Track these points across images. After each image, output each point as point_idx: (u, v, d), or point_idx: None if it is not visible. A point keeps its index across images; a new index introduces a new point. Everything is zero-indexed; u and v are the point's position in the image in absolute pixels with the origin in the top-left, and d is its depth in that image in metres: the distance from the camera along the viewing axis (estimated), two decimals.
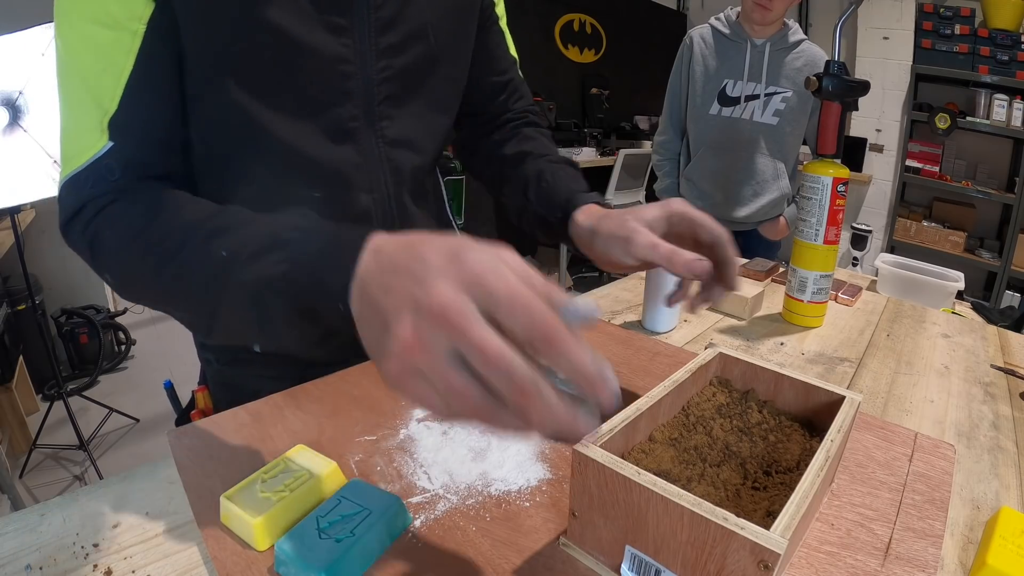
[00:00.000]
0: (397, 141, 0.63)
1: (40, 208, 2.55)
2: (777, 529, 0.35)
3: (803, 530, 0.43)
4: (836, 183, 0.81)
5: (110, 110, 0.48)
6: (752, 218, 1.70)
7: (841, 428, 0.46)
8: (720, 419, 0.53)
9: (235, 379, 0.74)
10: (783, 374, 0.55)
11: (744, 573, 0.35)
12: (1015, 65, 3.09)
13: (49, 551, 0.46)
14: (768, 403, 0.56)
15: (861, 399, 0.51)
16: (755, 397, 0.56)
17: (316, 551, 0.42)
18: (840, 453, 0.48)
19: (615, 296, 1.07)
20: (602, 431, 0.43)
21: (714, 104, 1.66)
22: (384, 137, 0.62)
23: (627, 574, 0.44)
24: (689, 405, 0.55)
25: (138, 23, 0.47)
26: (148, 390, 2.72)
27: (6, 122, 1.76)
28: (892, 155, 3.67)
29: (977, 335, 0.95)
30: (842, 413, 0.47)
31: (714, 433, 0.52)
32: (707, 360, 0.56)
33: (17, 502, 1.76)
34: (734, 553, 0.35)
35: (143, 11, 0.47)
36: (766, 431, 0.52)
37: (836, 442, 0.44)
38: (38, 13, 2.05)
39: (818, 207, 0.82)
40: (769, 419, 0.54)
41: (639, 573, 0.43)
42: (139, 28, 0.47)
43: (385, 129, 0.62)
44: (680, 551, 0.39)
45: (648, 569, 0.42)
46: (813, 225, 0.84)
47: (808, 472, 0.40)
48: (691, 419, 0.53)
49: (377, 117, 0.61)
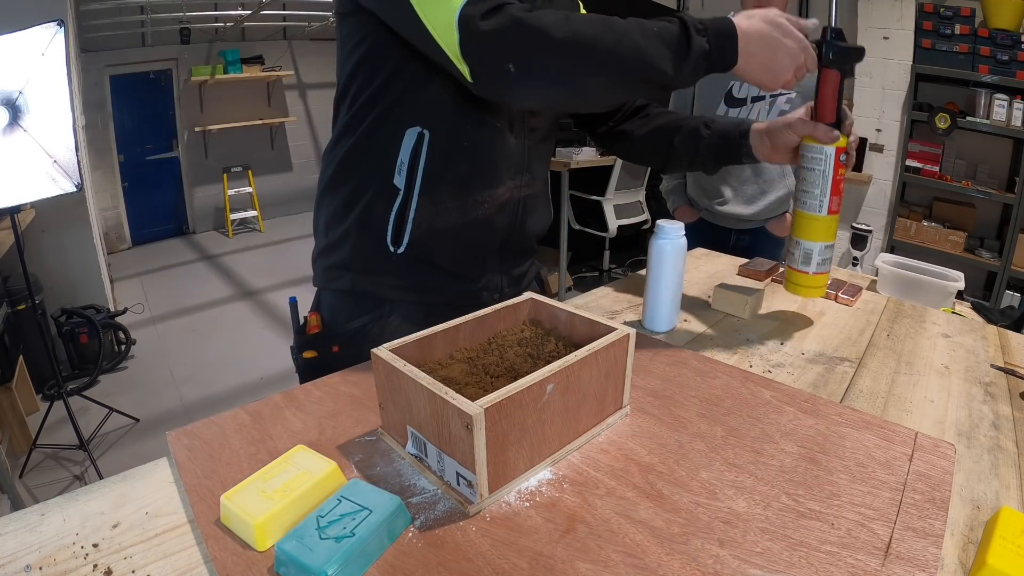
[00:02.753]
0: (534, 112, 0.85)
1: (40, 208, 2.56)
2: (479, 402, 0.47)
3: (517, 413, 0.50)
4: (838, 153, 0.80)
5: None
6: (759, 216, 1.71)
7: (591, 348, 0.57)
8: (517, 347, 0.66)
9: (370, 287, 0.84)
10: (575, 313, 0.66)
11: (459, 433, 0.48)
12: (1015, 65, 3.09)
13: (49, 551, 0.46)
14: (566, 338, 0.67)
15: (632, 332, 0.61)
16: (556, 333, 0.68)
17: (316, 551, 0.42)
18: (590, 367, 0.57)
19: (615, 296, 1.07)
20: (395, 343, 0.58)
21: (721, 105, 1.67)
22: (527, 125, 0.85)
23: (411, 450, 0.56)
24: (495, 336, 0.68)
25: None
26: (148, 390, 2.72)
27: (6, 122, 1.76)
28: (892, 155, 3.66)
29: (977, 335, 0.95)
30: (603, 340, 0.58)
31: (506, 356, 0.64)
32: (517, 302, 0.70)
33: (17, 502, 1.76)
34: (452, 418, 0.48)
35: None
36: (553, 356, 0.62)
37: (579, 356, 0.55)
38: (38, 13, 2.05)
39: (821, 178, 0.81)
40: (563, 349, 0.64)
41: (417, 447, 0.55)
42: None
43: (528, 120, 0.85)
44: (429, 423, 0.51)
45: (420, 443, 0.54)
46: (816, 196, 0.82)
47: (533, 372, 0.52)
48: (492, 346, 0.66)
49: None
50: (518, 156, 0.84)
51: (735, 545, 0.46)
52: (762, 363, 0.82)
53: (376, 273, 0.83)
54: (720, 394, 0.69)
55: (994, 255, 3.35)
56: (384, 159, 0.78)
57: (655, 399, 0.68)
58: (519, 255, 0.93)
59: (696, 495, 0.52)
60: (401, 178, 0.78)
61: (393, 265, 0.82)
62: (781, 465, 0.56)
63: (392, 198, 0.79)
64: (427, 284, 0.84)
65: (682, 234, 0.87)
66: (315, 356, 0.83)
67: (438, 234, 0.81)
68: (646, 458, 0.57)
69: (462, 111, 0.77)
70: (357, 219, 0.81)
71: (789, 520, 0.48)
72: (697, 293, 1.10)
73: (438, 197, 0.79)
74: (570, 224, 3.56)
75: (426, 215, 0.79)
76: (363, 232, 0.81)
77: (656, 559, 0.45)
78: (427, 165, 0.78)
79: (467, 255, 0.85)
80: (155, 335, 3.29)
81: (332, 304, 0.87)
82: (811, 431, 0.61)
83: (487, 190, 0.82)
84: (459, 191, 0.80)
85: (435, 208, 0.80)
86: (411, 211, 0.79)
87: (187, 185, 5.73)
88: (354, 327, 0.84)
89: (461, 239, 0.83)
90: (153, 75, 5.29)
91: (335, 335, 0.84)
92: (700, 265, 1.29)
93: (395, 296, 0.84)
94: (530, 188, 0.88)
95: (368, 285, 0.84)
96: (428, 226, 0.80)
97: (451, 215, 0.81)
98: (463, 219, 0.81)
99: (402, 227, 0.80)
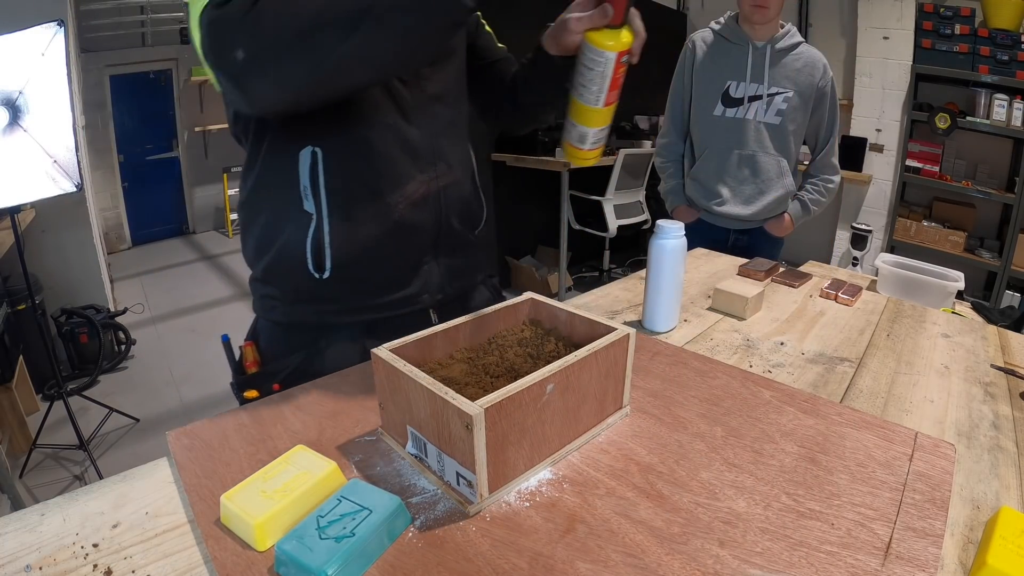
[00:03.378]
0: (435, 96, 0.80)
1: (40, 208, 2.56)
2: (479, 402, 0.47)
3: (517, 413, 0.50)
4: (620, 55, 0.75)
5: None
6: (758, 216, 1.72)
7: (591, 348, 0.57)
8: (517, 347, 0.66)
9: (304, 317, 0.80)
10: (575, 313, 0.66)
11: (459, 433, 0.48)
12: (1015, 65, 3.09)
13: (49, 551, 0.46)
14: (566, 338, 0.67)
15: (632, 332, 0.61)
16: (556, 333, 0.68)
17: (316, 551, 0.42)
18: (590, 367, 0.56)
19: (615, 296, 1.07)
20: (395, 343, 0.58)
21: (718, 105, 1.68)
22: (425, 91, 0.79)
23: (411, 450, 0.56)
24: (495, 336, 0.68)
25: None
26: (148, 390, 2.72)
27: (6, 122, 1.76)
28: (892, 155, 3.66)
29: (977, 335, 0.95)
30: (603, 340, 0.58)
31: (506, 356, 0.64)
32: (517, 302, 0.70)
33: (17, 502, 1.76)
34: (452, 418, 0.48)
35: None
36: (553, 356, 0.62)
37: (579, 356, 0.55)
38: (38, 13, 2.05)
39: (600, 77, 0.76)
40: (563, 350, 0.64)
41: (417, 447, 0.55)
42: None
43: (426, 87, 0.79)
44: (429, 423, 0.51)
45: (420, 443, 0.54)
46: (594, 92, 0.77)
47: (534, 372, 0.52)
48: (492, 346, 0.66)
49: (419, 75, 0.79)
50: (424, 147, 0.79)
51: (735, 545, 0.46)
52: (762, 363, 0.82)
53: (307, 302, 0.79)
54: (720, 394, 0.69)
55: (994, 255, 3.35)
56: (288, 187, 0.74)
57: (655, 399, 0.68)
58: (455, 251, 0.87)
59: (696, 495, 0.52)
60: (310, 203, 0.74)
61: (323, 291, 0.78)
62: (781, 465, 0.56)
63: (306, 225, 0.74)
64: (362, 303, 0.80)
65: (682, 234, 0.87)
66: (257, 396, 0.77)
67: (360, 251, 0.76)
68: (646, 458, 0.57)
69: (347, 118, 0.73)
70: (277, 253, 0.77)
71: (789, 520, 0.48)
72: (697, 293, 1.10)
73: (349, 214, 0.75)
74: (570, 224, 3.56)
75: (342, 236, 0.75)
76: (286, 264, 0.77)
77: (656, 559, 0.45)
78: (328, 184, 0.73)
79: (397, 264, 0.80)
80: (155, 335, 3.29)
81: (269, 334, 0.84)
82: (811, 431, 0.61)
83: (397, 190, 0.77)
84: (368, 200, 0.76)
85: (349, 225, 0.75)
86: (325, 236, 0.74)
87: (187, 185, 5.73)
88: (293, 362, 0.80)
89: (386, 249, 0.78)
90: (153, 75, 5.29)
91: (275, 372, 0.80)
92: (700, 265, 1.29)
93: (332, 321, 0.80)
94: (448, 177, 0.83)
95: (302, 315, 0.80)
96: (347, 246, 0.76)
97: (368, 227, 0.76)
98: (382, 228, 0.77)
99: (321, 253, 0.75)
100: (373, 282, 0.80)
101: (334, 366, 0.77)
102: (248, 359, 0.82)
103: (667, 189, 1.86)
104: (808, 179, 1.78)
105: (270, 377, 0.79)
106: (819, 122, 1.70)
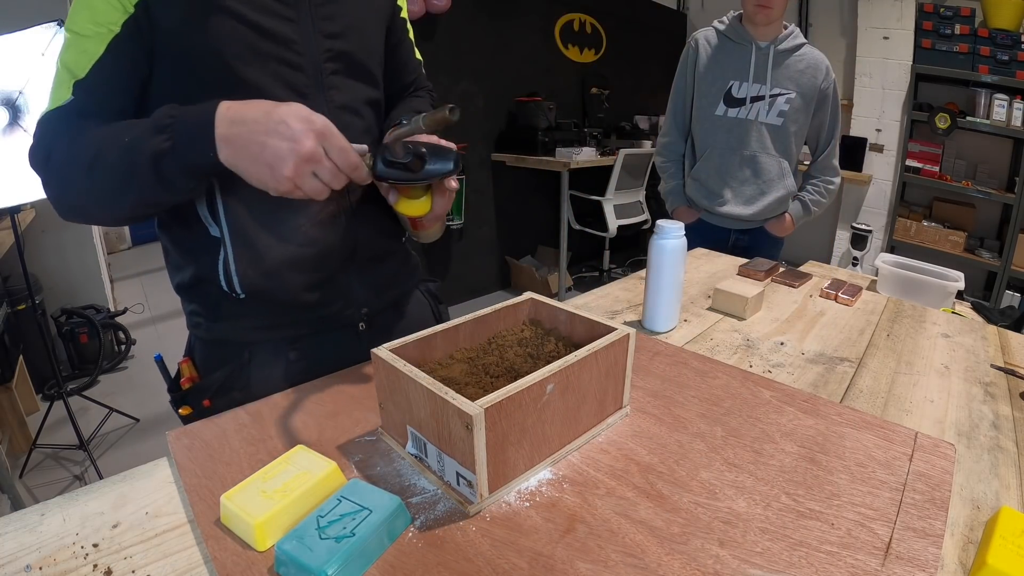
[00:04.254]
0: (344, 107, 0.77)
1: (40, 208, 2.55)
2: (479, 402, 0.47)
3: (517, 413, 0.49)
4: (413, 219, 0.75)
5: (78, 76, 0.64)
6: (759, 216, 1.72)
7: (591, 348, 0.57)
8: (517, 347, 0.66)
9: (226, 334, 0.79)
10: (575, 313, 0.66)
11: (459, 433, 0.48)
12: (1015, 65, 3.09)
13: (49, 551, 0.46)
14: (566, 338, 0.67)
15: (632, 332, 0.61)
16: (556, 333, 0.68)
17: (316, 551, 0.42)
18: (590, 367, 0.56)
19: (615, 296, 1.07)
20: (395, 343, 0.58)
21: (720, 105, 1.67)
22: (332, 101, 0.76)
23: (411, 450, 0.56)
24: (496, 336, 0.68)
25: (115, 25, 0.63)
26: (148, 390, 2.72)
27: (6, 122, 1.76)
28: (892, 155, 3.66)
29: (977, 335, 0.95)
30: (603, 340, 0.58)
31: (506, 356, 0.64)
32: (517, 302, 0.70)
33: (17, 502, 1.76)
34: (452, 418, 0.48)
35: (121, 17, 0.63)
36: (553, 356, 0.62)
37: (579, 356, 0.55)
38: (38, 13, 2.05)
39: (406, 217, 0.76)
40: (563, 349, 0.64)
41: (417, 447, 0.55)
42: (115, 29, 0.63)
43: (334, 96, 0.76)
44: (429, 423, 0.51)
45: (420, 443, 0.54)
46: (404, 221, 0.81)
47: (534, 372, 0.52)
48: (492, 346, 0.66)
49: (326, 87, 0.75)
50: None
51: (735, 545, 0.46)
52: (762, 363, 0.82)
53: (228, 319, 0.77)
54: (720, 394, 0.69)
55: (994, 255, 3.35)
56: (191, 215, 0.73)
57: (655, 399, 0.68)
58: (378, 263, 0.84)
59: (696, 495, 0.52)
60: (216, 228, 0.72)
61: (242, 309, 0.76)
62: (781, 465, 0.56)
63: (216, 250, 0.73)
64: (282, 321, 0.78)
65: (682, 234, 0.87)
66: (191, 412, 0.78)
67: (271, 274, 0.74)
68: (646, 458, 0.57)
69: None
70: (192, 275, 0.76)
71: (789, 520, 0.48)
72: (697, 293, 1.10)
73: (251, 240, 0.72)
74: (570, 224, 3.56)
75: (247, 262, 0.73)
76: (203, 286, 0.76)
77: (656, 559, 0.45)
78: (227, 212, 0.71)
79: (313, 283, 0.77)
80: (155, 335, 3.29)
81: (199, 350, 0.82)
82: (811, 431, 0.61)
83: (300, 214, 0.74)
84: (271, 227, 0.73)
85: (254, 252, 0.73)
86: (231, 263, 0.73)
87: None
88: (219, 377, 0.78)
89: (299, 270, 0.75)
90: None
91: (204, 388, 0.79)
92: (700, 265, 1.29)
93: (255, 337, 0.78)
94: (357, 193, 0.79)
95: (224, 332, 0.78)
96: (254, 271, 0.74)
97: (274, 252, 0.74)
98: (287, 252, 0.74)
99: (231, 278, 0.73)
100: (288, 303, 0.77)
101: (260, 381, 0.77)
102: (184, 375, 0.82)
103: (667, 190, 1.86)
104: (809, 180, 1.78)
105: (200, 393, 0.78)
106: (821, 124, 1.70)
